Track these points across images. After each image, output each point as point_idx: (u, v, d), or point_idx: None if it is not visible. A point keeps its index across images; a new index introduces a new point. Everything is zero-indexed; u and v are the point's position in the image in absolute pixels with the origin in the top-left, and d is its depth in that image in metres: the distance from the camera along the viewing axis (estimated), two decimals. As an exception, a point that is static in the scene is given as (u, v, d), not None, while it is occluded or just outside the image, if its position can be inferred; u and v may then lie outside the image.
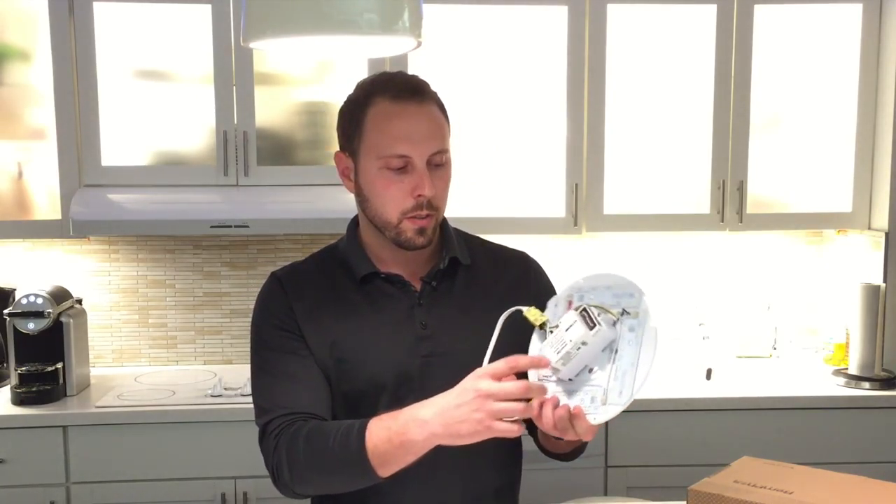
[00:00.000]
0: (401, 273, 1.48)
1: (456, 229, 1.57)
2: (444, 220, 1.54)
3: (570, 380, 1.25)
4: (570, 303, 1.30)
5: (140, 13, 2.74)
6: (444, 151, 1.42)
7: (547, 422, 1.24)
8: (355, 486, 1.35)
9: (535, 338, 1.33)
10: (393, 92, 1.40)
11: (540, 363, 1.24)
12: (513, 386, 1.20)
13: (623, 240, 3.20)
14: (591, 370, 1.24)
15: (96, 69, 2.74)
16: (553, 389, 1.26)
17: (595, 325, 1.22)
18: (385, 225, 1.44)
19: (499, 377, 1.21)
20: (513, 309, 1.30)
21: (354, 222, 1.55)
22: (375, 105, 1.41)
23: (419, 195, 1.39)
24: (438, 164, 1.42)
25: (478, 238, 1.62)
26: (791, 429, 2.74)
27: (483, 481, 1.50)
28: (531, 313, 1.30)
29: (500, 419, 1.19)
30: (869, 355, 2.84)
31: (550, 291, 1.58)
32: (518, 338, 1.32)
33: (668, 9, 2.88)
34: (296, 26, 1.21)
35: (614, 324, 1.25)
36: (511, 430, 1.20)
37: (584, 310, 1.24)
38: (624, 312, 1.25)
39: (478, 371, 1.22)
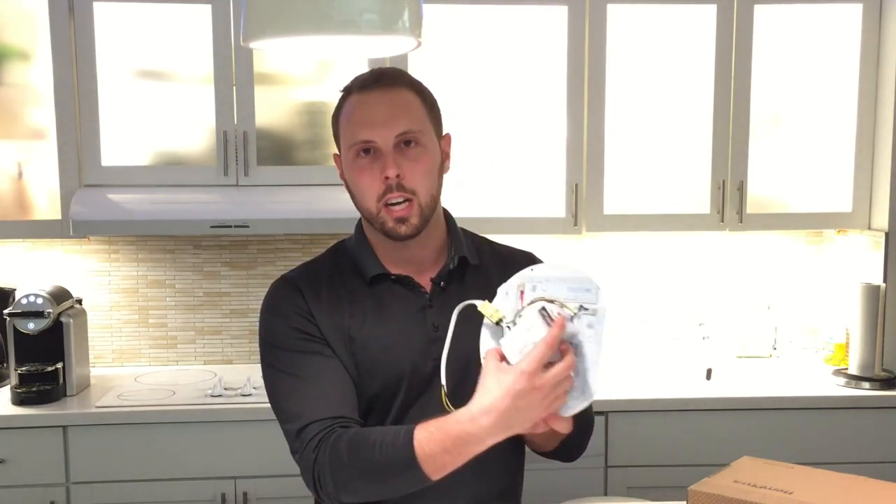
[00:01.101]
0: (410, 273, 1.48)
1: (462, 229, 1.57)
2: (452, 218, 1.54)
3: None
4: (521, 293, 1.28)
5: (140, 13, 2.74)
6: (412, 132, 1.40)
7: None
8: (406, 492, 1.33)
9: (485, 331, 1.32)
10: (359, 84, 1.43)
11: (562, 325, 1.23)
12: (562, 367, 1.22)
13: (623, 240, 3.20)
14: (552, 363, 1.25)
15: (96, 69, 2.74)
16: None
17: None
18: (369, 216, 1.44)
19: (544, 363, 1.22)
20: (466, 303, 1.31)
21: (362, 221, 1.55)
22: (348, 101, 1.44)
23: (386, 178, 1.39)
24: (409, 145, 1.40)
25: (484, 238, 1.62)
26: (791, 429, 2.74)
27: (488, 484, 1.50)
28: (486, 308, 1.29)
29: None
30: (869, 355, 2.84)
31: None
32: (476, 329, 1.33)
33: (668, 9, 2.88)
34: (296, 26, 1.21)
35: (571, 319, 1.24)
36: (564, 400, 1.25)
37: (543, 308, 1.24)
38: (581, 308, 1.24)
39: (522, 366, 1.21)
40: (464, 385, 1.31)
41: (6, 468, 2.56)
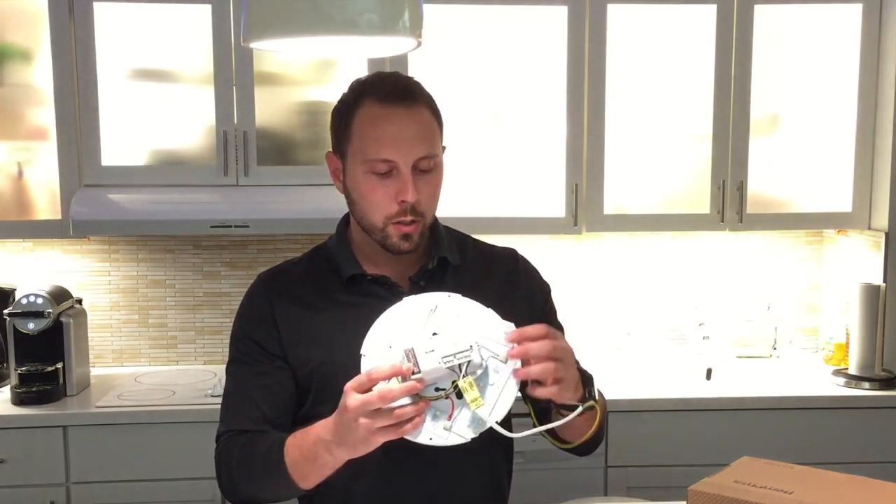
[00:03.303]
0: (388, 273, 1.48)
1: (447, 228, 1.56)
2: (436, 219, 1.53)
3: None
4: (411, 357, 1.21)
5: (140, 13, 2.74)
6: (431, 157, 1.40)
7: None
8: (286, 496, 1.40)
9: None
10: (381, 95, 1.39)
11: (399, 372, 1.17)
12: (373, 395, 1.16)
13: (623, 240, 3.20)
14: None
15: (96, 69, 2.74)
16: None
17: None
18: (371, 228, 1.44)
19: (363, 390, 1.17)
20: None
21: (345, 220, 1.55)
22: (363, 107, 1.40)
23: (402, 201, 1.38)
24: (425, 170, 1.40)
25: (469, 237, 1.61)
26: (791, 429, 2.74)
27: (473, 481, 1.50)
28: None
29: (385, 426, 1.17)
30: (869, 355, 2.84)
31: (541, 287, 1.58)
32: None
33: (668, 9, 2.88)
34: (296, 26, 1.22)
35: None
36: (404, 431, 1.18)
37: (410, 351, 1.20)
38: (436, 309, 1.26)
39: (347, 384, 1.19)
40: None
41: (6, 468, 2.56)
